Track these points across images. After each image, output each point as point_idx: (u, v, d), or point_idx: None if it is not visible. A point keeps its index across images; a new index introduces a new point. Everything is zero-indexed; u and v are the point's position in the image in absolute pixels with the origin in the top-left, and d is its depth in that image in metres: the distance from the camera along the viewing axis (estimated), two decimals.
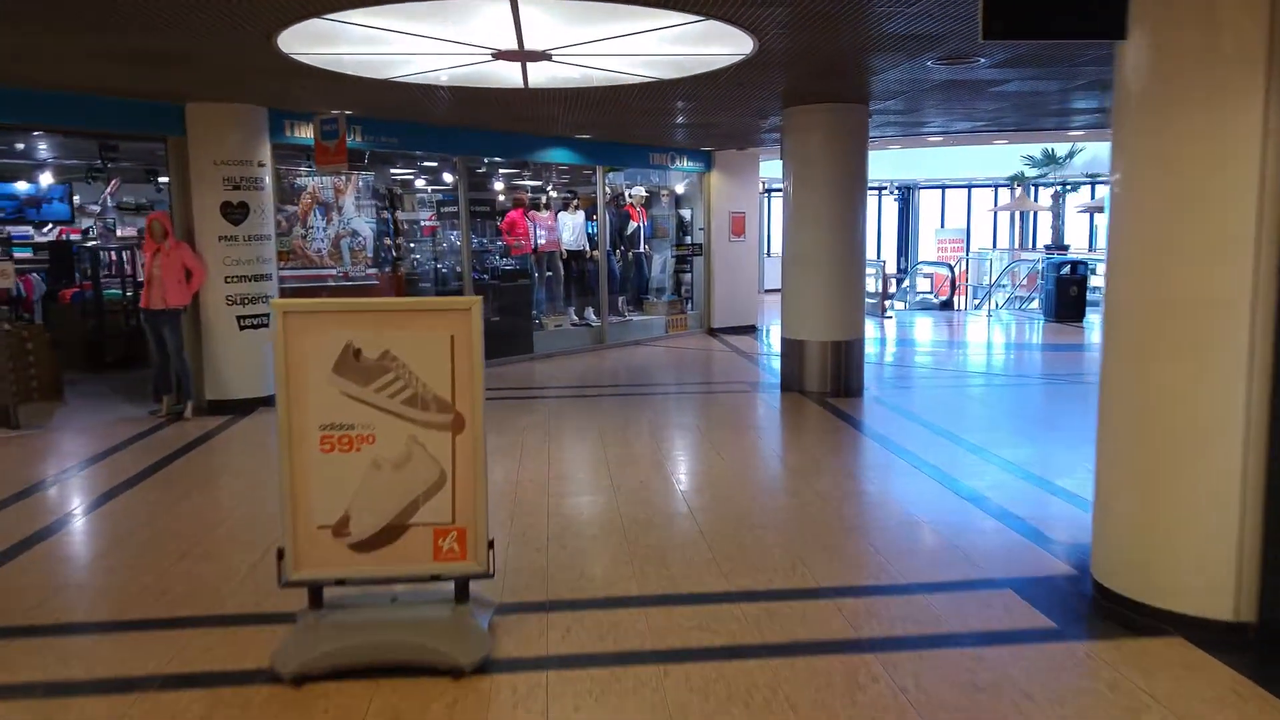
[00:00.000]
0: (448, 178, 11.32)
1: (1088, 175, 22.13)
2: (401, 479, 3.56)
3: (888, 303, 17.14)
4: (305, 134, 8.97)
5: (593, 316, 12.81)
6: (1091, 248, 22.83)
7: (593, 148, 12.07)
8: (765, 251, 20.59)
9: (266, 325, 8.69)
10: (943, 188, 29.93)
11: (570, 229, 12.68)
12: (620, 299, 13.54)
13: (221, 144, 8.31)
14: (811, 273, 9.09)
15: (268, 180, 8.71)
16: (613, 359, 11.76)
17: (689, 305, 14.53)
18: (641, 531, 4.95)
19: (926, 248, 27.65)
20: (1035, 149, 21.06)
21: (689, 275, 14.61)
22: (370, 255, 10.33)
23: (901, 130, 11.14)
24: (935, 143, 13.32)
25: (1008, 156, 22.30)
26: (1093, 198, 23.43)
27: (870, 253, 23.56)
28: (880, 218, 29.20)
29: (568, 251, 12.68)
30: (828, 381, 9.15)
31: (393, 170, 11.36)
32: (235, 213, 8.39)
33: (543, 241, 12.25)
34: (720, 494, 5.69)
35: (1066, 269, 15.74)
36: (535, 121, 10.11)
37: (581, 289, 13.03)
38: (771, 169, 16.30)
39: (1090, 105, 9.10)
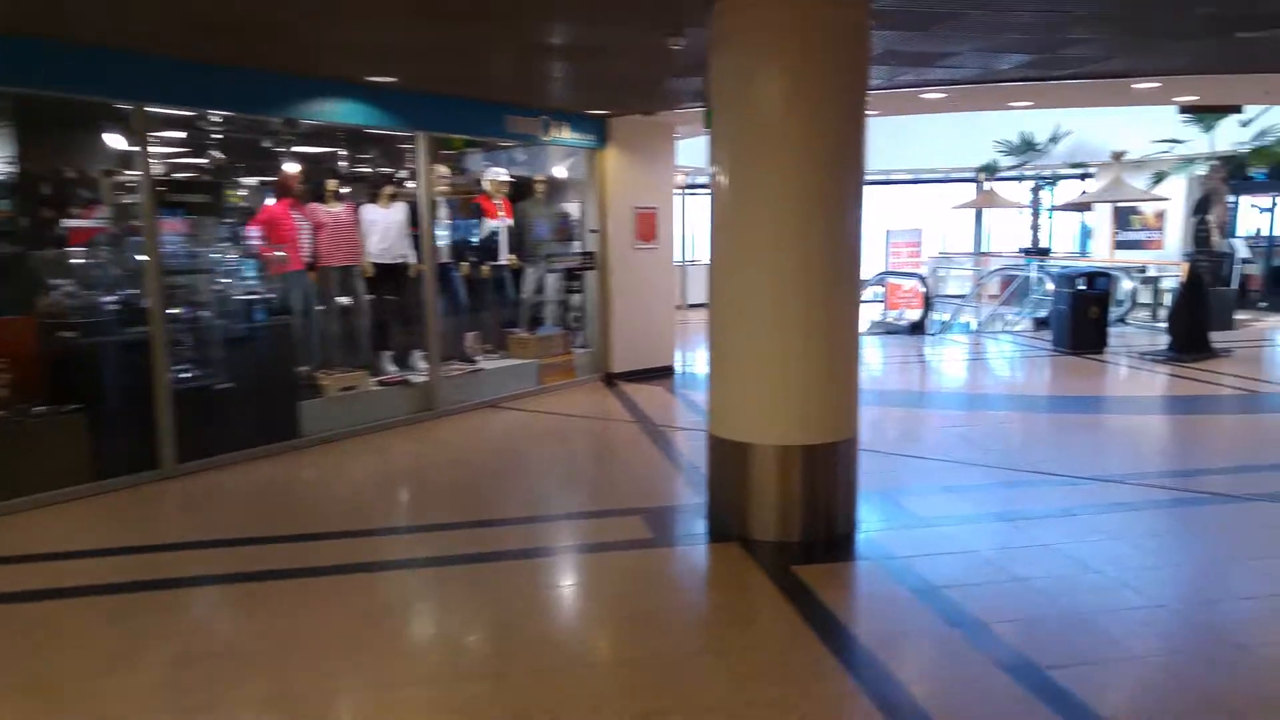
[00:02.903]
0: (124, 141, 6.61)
1: (1071, 165, 18.42)
2: None
3: None
4: None
5: (422, 367, 8.33)
6: (1083, 253, 19.20)
7: (407, 103, 7.59)
8: (684, 255, 16.24)
9: None
10: (886, 183, 26.32)
11: (381, 231, 8.17)
12: (468, 336, 9.07)
13: None
14: (762, 321, 4.82)
15: None
16: (434, 445, 7.29)
17: (579, 341, 10.15)
18: None
19: (871, 253, 23.90)
20: (1016, 131, 17.24)
21: (580, 297, 10.23)
22: None
23: (901, 68, 6.93)
24: (928, 103, 9.18)
25: (964, 145, 18.48)
26: (1043, 194, 19.75)
27: None
28: None
29: (378, 266, 8.18)
30: (794, 522, 4.89)
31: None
32: None
33: (330, 251, 7.73)
34: None
35: (1083, 282, 11.87)
36: (273, 37, 5.61)
37: (403, 324, 8.53)
38: (693, 152, 11.96)
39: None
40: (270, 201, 7.39)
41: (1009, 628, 3.81)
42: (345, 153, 8.70)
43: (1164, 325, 12.59)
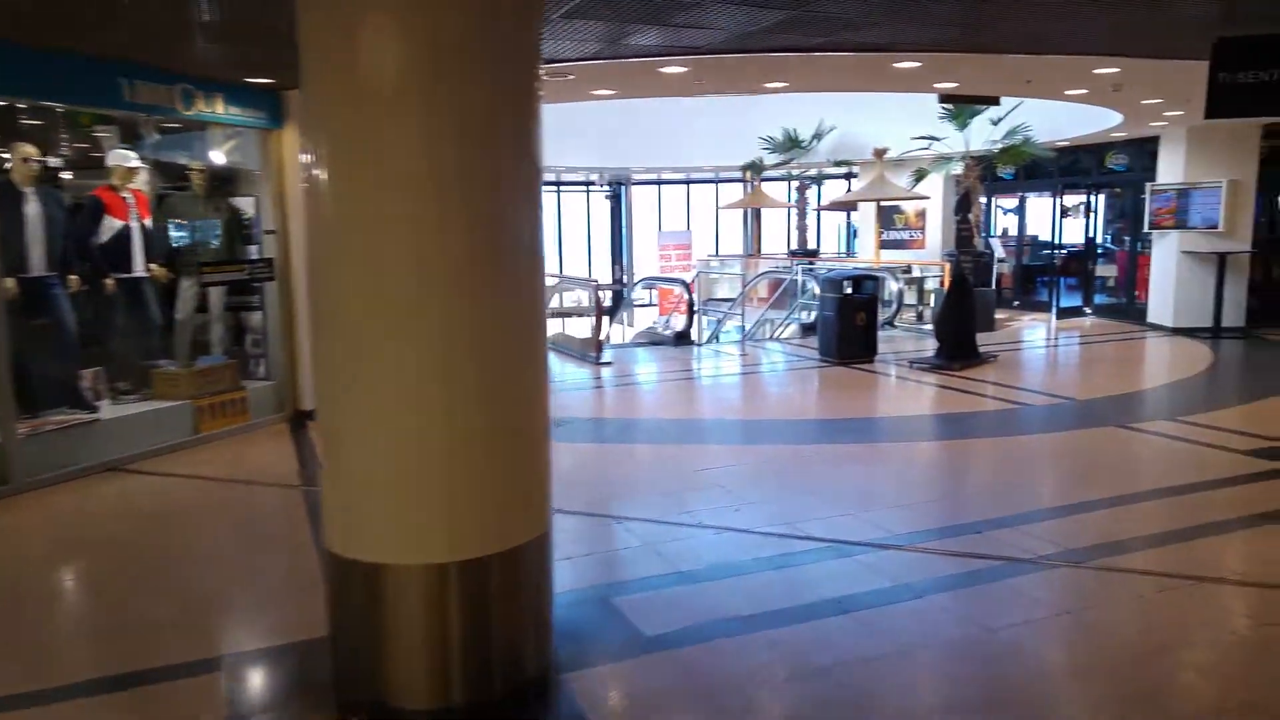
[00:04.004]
0: None
1: (836, 163, 18.07)
2: None
3: (604, 339, 11.65)
4: None
5: None
6: (850, 253, 18.93)
7: None
8: None
9: None
10: (659, 182, 25.54)
11: None
12: (86, 374, 6.76)
13: None
14: (392, 378, 3.10)
15: None
16: None
17: (259, 370, 8.04)
18: None
19: (643, 257, 23.06)
20: (781, 127, 16.54)
21: (259, 315, 8.10)
22: None
23: (625, 26, 5.43)
24: (673, 80, 7.78)
25: (734, 142, 17.75)
26: (809, 193, 19.46)
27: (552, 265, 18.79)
28: (590, 221, 24.40)
29: None
30: (455, 677, 3.24)
31: None
32: None
33: None
34: None
35: (849, 286, 11.06)
36: None
37: None
38: None
39: None
40: None
41: None
42: None
43: (930, 329, 12.10)
